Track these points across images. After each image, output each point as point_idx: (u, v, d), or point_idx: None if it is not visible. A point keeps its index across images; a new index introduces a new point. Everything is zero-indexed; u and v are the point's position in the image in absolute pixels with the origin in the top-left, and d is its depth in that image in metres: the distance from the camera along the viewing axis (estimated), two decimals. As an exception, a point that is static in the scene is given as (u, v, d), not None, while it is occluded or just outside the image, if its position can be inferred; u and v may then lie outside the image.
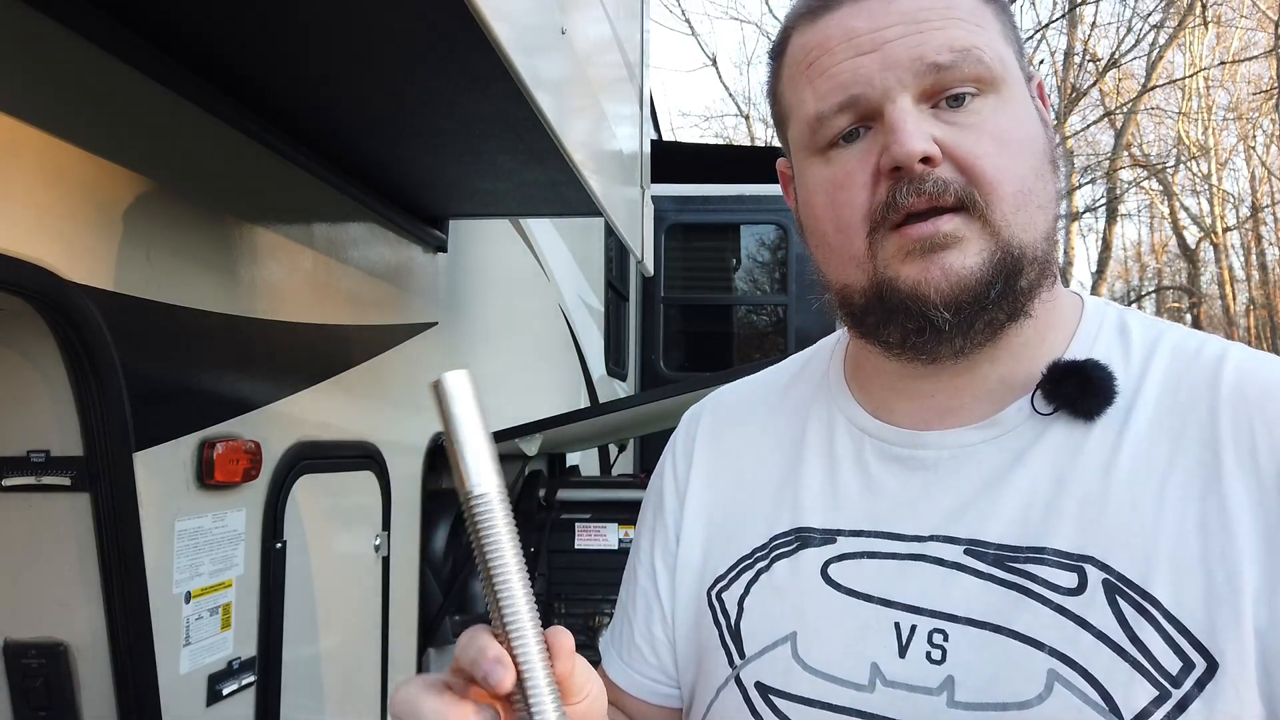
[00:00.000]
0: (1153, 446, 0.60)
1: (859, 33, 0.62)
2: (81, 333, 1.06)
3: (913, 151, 0.59)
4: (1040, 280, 0.64)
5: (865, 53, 0.62)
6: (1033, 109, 0.65)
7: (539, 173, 1.75)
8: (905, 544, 0.65)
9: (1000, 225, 0.60)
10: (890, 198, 0.61)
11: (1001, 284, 0.61)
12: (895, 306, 0.62)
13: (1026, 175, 0.62)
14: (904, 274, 0.61)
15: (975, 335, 0.63)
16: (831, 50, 0.63)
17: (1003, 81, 0.62)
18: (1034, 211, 0.62)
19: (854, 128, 0.63)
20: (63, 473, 1.08)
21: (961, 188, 0.60)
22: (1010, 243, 0.61)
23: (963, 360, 0.65)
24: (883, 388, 0.71)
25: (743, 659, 0.68)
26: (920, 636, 0.61)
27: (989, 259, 0.60)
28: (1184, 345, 0.65)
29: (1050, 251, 0.64)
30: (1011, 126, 0.62)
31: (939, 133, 0.61)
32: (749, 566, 0.71)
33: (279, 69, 1.30)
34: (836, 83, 0.63)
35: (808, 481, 0.72)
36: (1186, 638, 0.55)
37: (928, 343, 0.63)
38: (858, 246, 0.63)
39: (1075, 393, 0.63)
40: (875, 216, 0.62)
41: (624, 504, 2.50)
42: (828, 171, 0.65)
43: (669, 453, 0.84)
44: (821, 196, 0.66)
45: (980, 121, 0.61)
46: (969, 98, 0.61)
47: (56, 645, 1.10)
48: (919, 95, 0.61)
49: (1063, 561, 0.59)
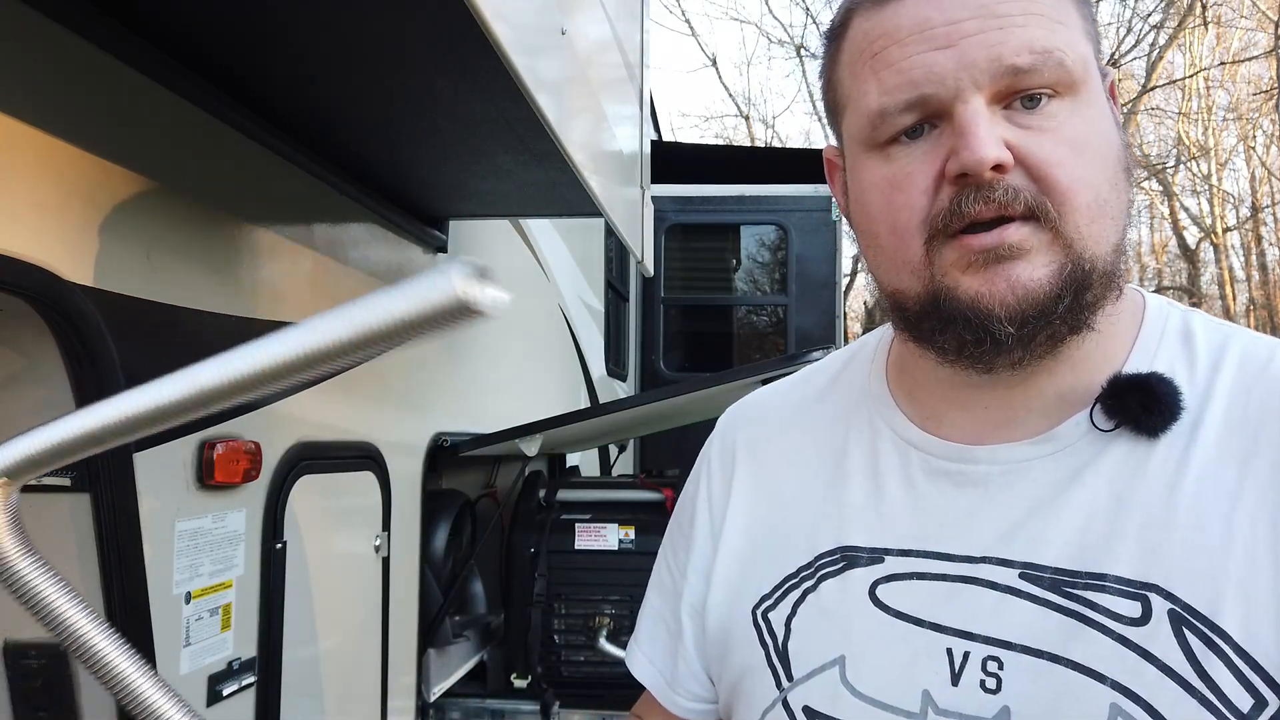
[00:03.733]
0: (1221, 467, 0.57)
1: (933, 24, 0.57)
2: (81, 333, 1.06)
3: (984, 159, 0.55)
4: (1105, 294, 0.60)
5: (939, 47, 0.57)
6: (1108, 112, 0.61)
7: (539, 173, 1.75)
8: (956, 565, 0.62)
9: (1073, 237, 0.57)
10: (955, 205, 0.57)
11: (1071, 298, 0.57)
12: (953, 317, 0.59)
13: (1102, 184, 0.58)
14: (964, 284, 0.58)
15: (1036, 348, 0.59)
16: (902, 41, 0.59)
17: (1082, 84, 0.58)
18: (1107, 223, 0.58)
19: (917, 125, 0.59)
20: (63, 473, 1.08)
21: (1033, 196, 0.56)
22: (1082, 255, 0.57)
23: (1019, 372, 0.61)
24: (932, 396, 0.68)
25: (790, 681, 0.66)
26: (974, 664, 0.59)
27: (1058, 271, 0.57)
28: (1253, 353, 0.61)
29: (1118, 264, 0.60)
30: (1088, 132, 0.58)
31: (1011, 136, 0.57)
32: (795, 586, 0.68)
33: (279, 69, 1.30)
34: (906, 78, 0.58)
35: (851, 497, 0.68)
36: (1259, 673, 0.52)
37: (986, 354, 0.59)
38: (914, 252, 0.60)
39: (1139, 409, 0.59)
40: (936, 223, 0.58)
41: (624, 504, 2.49)
42: (886, 170, 0.61)
43: (704, 462, 0.81)
44: (877, 196, 0.62)
45: (1056, 126, 0.57)
46: (1045, 99, 0.57)
47: (56, 645, 1.10)
48: (993, 97, 0.57)
49: (1125, 590, 0.56)
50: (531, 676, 2.36)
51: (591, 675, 2.38)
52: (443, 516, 2.22)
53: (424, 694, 2.13)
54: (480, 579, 2.47)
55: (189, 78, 1.25)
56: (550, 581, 2.41)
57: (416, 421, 2.07)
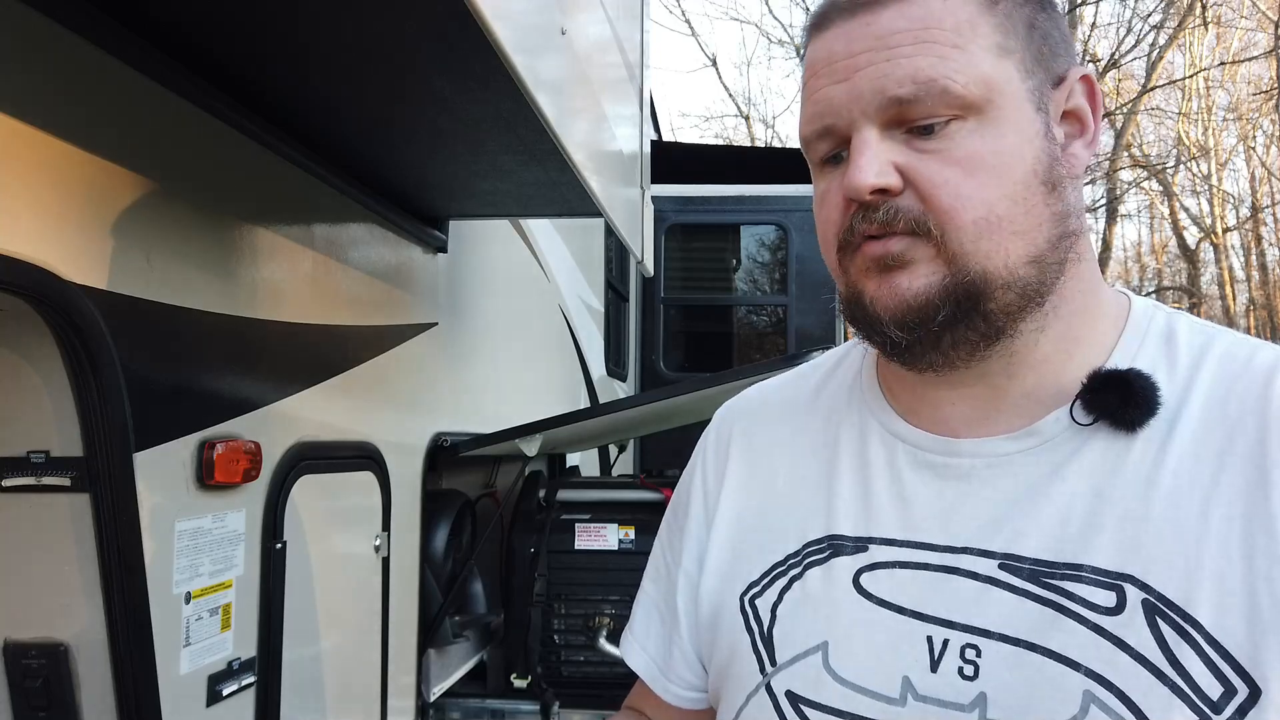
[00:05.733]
0: (1197, 462, 0.59)
1: (837, 58, 0.63)
2: (81, 333, 1.06)
3: (862, 186, 0.60)
4: (1021, 304, 0.62)
5: (839, 81, 0.62)
6: (1027, 126, 0.61)
7: (539, 173, 1.75)
8: (938, 555, 0.64)
9: (955, 252, 0.60)
10: (850, 223, 0.63)
11: (951, 308, 0.61)
12: (862, 318, 0.65)
13: (996, 201, 0.60)
14: (866, 288, 0.64)
15: (948, 351, 0.63)
16: (816, 74, 0.64)
17: (985, 103, 0.60)
18: (1005, 238, 0.60)
19: (835, 151, 0.65)
20: (63, 473, 1.08)
21: (917, 215, 0.60)
22: (966, 269, 0.60)
23: (966, 370, 0.65)
24: (908, 393, 0.71)
25: (774, 666, 0.68)
26: (953, 651, 0.61)
27: (938, 283, 0.61)
28: (1234, 353, 0.63)
29: (1040, 274, 0.62)
30: (985, 151, 0.60)
31: (903, 159, 0.61)
32: (783, 573, 0.71)
33: (279, 69, 1.30)
34: (815, 110, 0.65)
35: (840, 488, 0.71)
36: (1229, 662, 0.53)
37: (900, 355, 0.64)
38: (833, 261, 0.67)
39: (1116, 403, 0.61)
40: (842, 238, 0.65)
41: (624, 504, 2.49)
42: (820, 188, 0.68)
43: (700, 454, 0.84)
44: (816, 209, 0.69)
45: (949, 148, 0.60)
46: (940, 125, 0.60)
47: (56, 645, 1.10)
48: (885, 124, 0.61)
49: (1101, 580, 0.58)
50: (531, 676, 2.36)
51: (591, 675, 2.38)
52: (443, 516, 2.22)
53: (424, 694, 2.13)
54: (480, 579, 2.47)
55: (189, 78, 1.25)
56: (550, 581, 2.41)
57: (416, 421, 2.07)
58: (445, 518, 2.22)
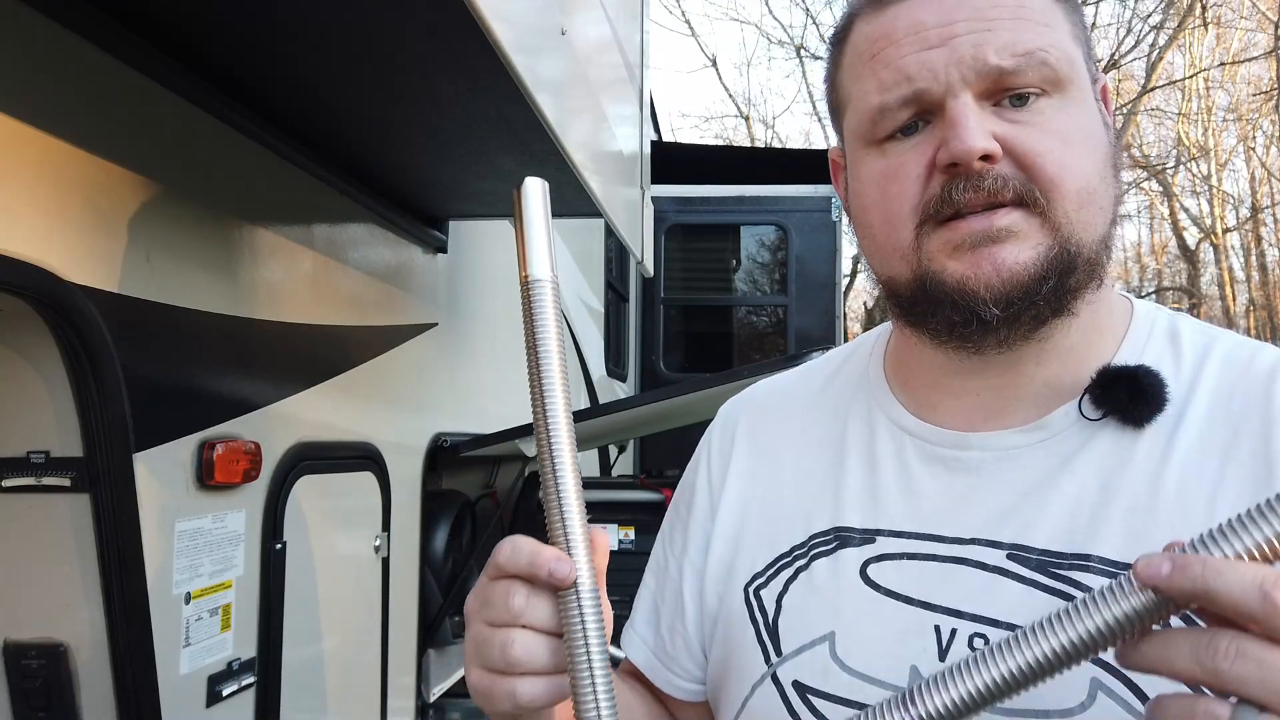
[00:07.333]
0: (1204, 458, 0.60)
1: (926, 26, 0.61)
2: (81, 333, 1.06)
3: (972, 148, 0.58)
4: (1087, 281, 0.63)
5: (932, 47, 0.61)
6: (1097, 112, 0.64)
7: (539, 173, 1.74)
8: (947, 546, 0.64)
9: (1061, 221, 0.60)
10: (945, 193, 0.60)
11: (1055, 279, 0.60)
12: (940, 300, 0.62)
13: (1090, 174, 0.61)
14: (950, 268, 0.61)
15: (1020, 327, 0.62)
16: (898, 42, 0.62)
17: (1069, 82, 0.61)
18: (1095, 212, 0.61)
19: (913, 121, 0.63)
20: (63, 473, 1.08)
21: (1021, 184, 0.59)
22: (1069, 239, 0.60)
23: (1007, 354, 0.64)
24: (926, 385, 0.71)
25: (779, 656, 0.68)
26: (961, 641, 0.61)
27: (1045, 254, 0.60)
28: (1236, 354, 0.64)
29: (1102, 255, 0.63)
30: (1074, 126, 0.61)
31: (1000, 129, 0.60)
32: (788, 564, 0.71)
33: (279, 69, 1.30)
34: (901, 75, 0.62)
35: (847, 481, 0.71)
36: None
37: (974, 334, 0.62)
38: (903, 239, 0.63)
39: (1126, 399, 0.62)
40: (926, 210, 0.61)
41: (624, 504, 2.49)
42: (882, 164, 0.64)
43: (704, 448, 0.84)
44: (873, 189, 0.65)
45: (1043, 120, 0.60)
46: (1033, 97, 0.60)
47: (56, 646, 1.10)
48: (981, 94, 0.60)
49: (1108, 570, 0.58)
50: (531, 677, 2.35)
51: (591, 675, 2.38)
52: (443, 517, 2.22)
53: (424, 694, 2.13)
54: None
55: (189, 78, 1.25)
56: (550, 582, 2.41)
57: (416, 422, 2.07)
58: (445, 518, 2.22)
